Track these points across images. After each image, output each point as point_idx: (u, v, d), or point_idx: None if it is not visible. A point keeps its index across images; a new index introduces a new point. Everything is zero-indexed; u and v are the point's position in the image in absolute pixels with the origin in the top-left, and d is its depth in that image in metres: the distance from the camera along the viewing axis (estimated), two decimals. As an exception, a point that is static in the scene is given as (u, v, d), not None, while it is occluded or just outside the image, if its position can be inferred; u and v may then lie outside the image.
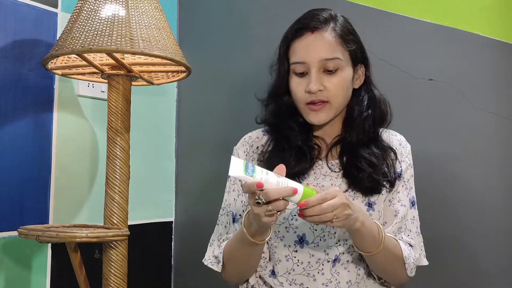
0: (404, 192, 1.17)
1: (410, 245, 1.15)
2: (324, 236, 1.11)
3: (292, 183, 0.94)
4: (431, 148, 1.49)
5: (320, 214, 0.92)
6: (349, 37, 1.13)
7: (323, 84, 1.09)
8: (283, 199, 0.92)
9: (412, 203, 1.19)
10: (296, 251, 1.12)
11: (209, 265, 1.19)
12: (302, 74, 1.12)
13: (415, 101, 1.52)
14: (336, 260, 1.12)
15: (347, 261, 1.12)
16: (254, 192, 0.91)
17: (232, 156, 0.93)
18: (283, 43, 1.16)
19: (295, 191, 0.92)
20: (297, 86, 1.12)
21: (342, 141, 1.18)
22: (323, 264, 1.11)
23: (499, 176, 1.42)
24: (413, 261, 1.13)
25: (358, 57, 1.15)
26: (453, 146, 1.47)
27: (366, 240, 1.03)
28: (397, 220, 1.15)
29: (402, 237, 1.15)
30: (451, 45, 1.49)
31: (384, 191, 1.14)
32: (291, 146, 1.15)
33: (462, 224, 1.45)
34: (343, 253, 1.12)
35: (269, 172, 0.94)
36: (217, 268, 1.17)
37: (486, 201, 1.42)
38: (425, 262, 1.18)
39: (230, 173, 0.91)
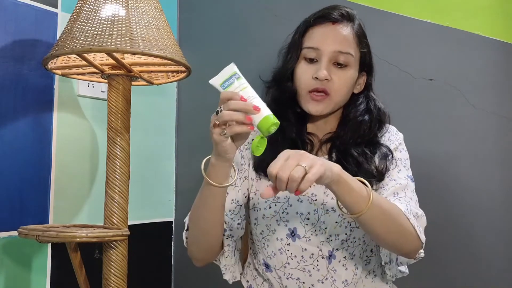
0: (395, 170, 1.12)
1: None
2: (315, 230, 1.11)
3: (260, 103, 0.92)
4: (431, 148, 1.49)
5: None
6: (363, 40, 1.15)
7: (330, 75, 1.10)
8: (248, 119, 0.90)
9: (411, 179, 1.13)
10: (289, 244, 1.13)
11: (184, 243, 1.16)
12: (311, 61, 1.12)
13: (415, 101, 1.52)
14: (331, 257, 1.12)
15: (344, 257, 1.12)
16: (224, 101, 0.92)
17: (231, 64, 0.96)
18: (301, 27, 1.16)
19: (256, 108, 0.90)
20: (304, 72, 1.12)
21: (335, 138, 1.17)
22: (317, 260, 1.12)
23: (499, 176, 1.42)
24: (413, 216, 1.02)
25: (366, 62, 1.17)
26: (453, 146, 1.47)
27: (352, 192, 0.92)
28: (393, 184, 1.09)
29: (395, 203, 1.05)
30: (451, 45, 1.49)
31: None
32: (285, 138, 1.15)
33: (462, 224, 1.45)
34: (337, 249, 1.12)
35: (248, 86, 0.94)
36: (184, 236, 1.15)
37: (486, 201, 1.42)
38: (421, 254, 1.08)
39: (210, 80, 0.95)
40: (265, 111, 0.91)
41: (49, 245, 1.49)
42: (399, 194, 1.08)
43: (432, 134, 1.49)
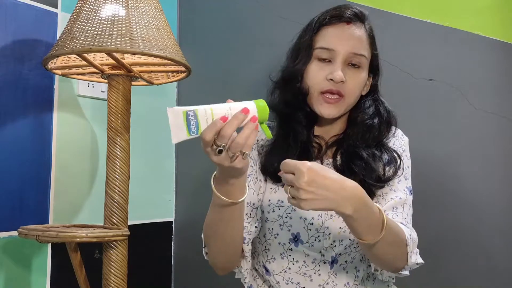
0: (396, 179, 1.11)
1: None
2: (319, 236, 1.09)
3: (239, 104, 0.83)
4: (431, 148, 1.49)
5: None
6: (374, 42, 1.14)
7: (345, 76, 1.06)
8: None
9: (410, 191, 1.12)
10: (291, 249, 1.11)
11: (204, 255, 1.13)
12: (324, 61, 1.08)
13: (415, 101, 1.52)
14: (334, 262, 1.10)
15: (346, 261, 1.11)
16: (211, 143, 0.82)
17: (168, 109, 0.84)
18: (314, 26, 1.11)
19: (245, 111, 0.81)
20: (318, 71, 1.08)
21: (342, 141, 1.14)
22: (319, 265, 1.10)
23: (500, 176, 1.42)
24: (411, 243, 1.01)
25: (375, 65, 1.15)
26: (453, 146, 1.47)
27: (361, 228, 0.89)
28: (393, 196, 1.08)
29: (394, 219, 1.05)
30: (451, 45, 1.49)
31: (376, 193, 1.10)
32: (296, 141, 1.11)
33: (462, 224, 1.45)
34: (340, 254, 1.10)
35: (212, 107, 0.83)
36: (204, 252, 1.10)
37: (487, 201, 1.42)
38: (420, 259, 1.07)
39: (173, 141, 0.83)
40: (251, 105, 0.83)
41: (49, 245, 1.49)
42: (397, 209, 1.07)
43: (432, 134, 1.49)
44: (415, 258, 1.03)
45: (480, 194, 1.43)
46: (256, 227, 1.11)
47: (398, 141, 1.17)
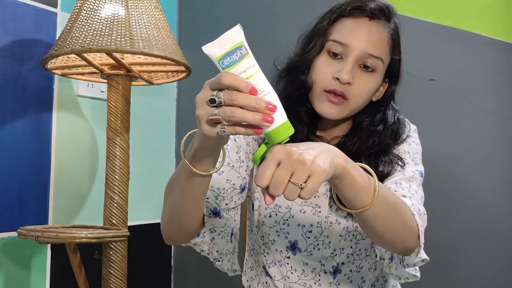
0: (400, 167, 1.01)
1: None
2: (318, 244, 1.03)
3: (276, 100, 0.67)
4: (431, 148, 1.48)
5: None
6: (398, 45, 1.03)
7: (353, 78, 0.95)
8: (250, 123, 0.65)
9: (420, 173, 1.02)
10: (289, 257, 1.05)
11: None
12: (335, 56, 0.97)
13: (416, 101, 1.52)
14: (337, 272, 1.05)
15: (351, 270, 1.05)
16: (223, 88, 0.67)
17: (238, 25, 0.70)
18: (332, 14, 1.00)
19: (272, 109, 0.65)
20: (325, 68, 0.97)
21: (343, 144, 1.06)
22: (319, 275, 1.05)
23: (500, 176, 1.41)
24: (417, 212, 0.89)
25: (394, 71, 1.04)
26: (454, 146, 1.47)
27: (356, 186, 0.75)
28: (397, 174, 0.98)
29: (396, 191, 0.94)
30: (452, 45, 1.49)
31: None
32: (295, 140, 0.95)
33: (462, 224, 1.44)
34: (343, 263, 1.04)
35: (259, 71, 0.69)
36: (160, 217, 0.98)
37: (487, 201, 1.42)
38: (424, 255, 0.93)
39: (203, 46, 0.70)
40: (281, 115, 0.67)
41: (49, 246, 1.49)
42: (402, 184, 0.96)
43: (432, 134, 1.49)
44: (423, 240, 0.90)
45: (480, 194, 1.43)
46: (226, 204, 0.98)
47: (404, 128, 1.08)
